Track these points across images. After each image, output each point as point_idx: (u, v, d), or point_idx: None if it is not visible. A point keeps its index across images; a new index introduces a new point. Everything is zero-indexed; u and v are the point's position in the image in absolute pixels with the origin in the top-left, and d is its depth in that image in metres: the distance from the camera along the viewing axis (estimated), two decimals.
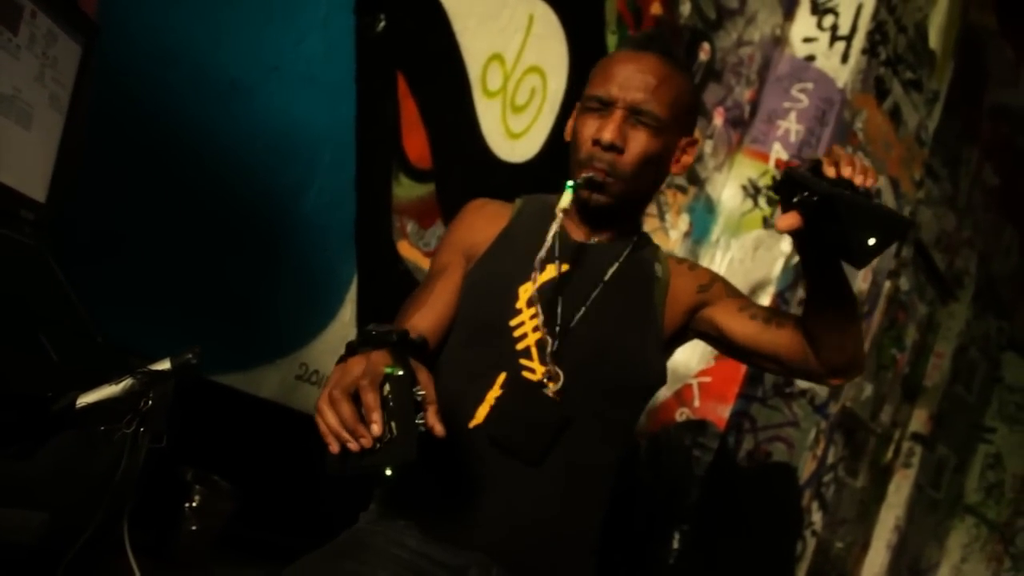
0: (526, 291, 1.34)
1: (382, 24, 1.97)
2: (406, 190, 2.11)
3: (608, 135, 1.31)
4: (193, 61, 1.65)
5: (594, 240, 1.41)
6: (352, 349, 1.08)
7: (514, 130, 2.35)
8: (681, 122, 1.39)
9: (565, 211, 1.29)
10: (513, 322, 1.33)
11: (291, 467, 1.97)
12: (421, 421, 0.98)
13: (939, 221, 4.56)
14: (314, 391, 1.99)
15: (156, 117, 1.63)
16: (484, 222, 1.45)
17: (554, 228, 1.28)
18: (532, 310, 1.32)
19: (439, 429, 1.00)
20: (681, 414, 2.93)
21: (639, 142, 1.33)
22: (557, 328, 1.32)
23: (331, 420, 0.97)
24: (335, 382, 1.01)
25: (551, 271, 1.36)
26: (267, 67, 1.78)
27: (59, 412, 0.86)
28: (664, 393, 2.95)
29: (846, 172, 1.09)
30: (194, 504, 1.66)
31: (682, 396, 2.94)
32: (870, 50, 3.08)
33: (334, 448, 0.97)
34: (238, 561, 1.80)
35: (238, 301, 1.84)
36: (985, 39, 4.22)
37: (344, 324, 2.03)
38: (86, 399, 0.87)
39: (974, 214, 4.98)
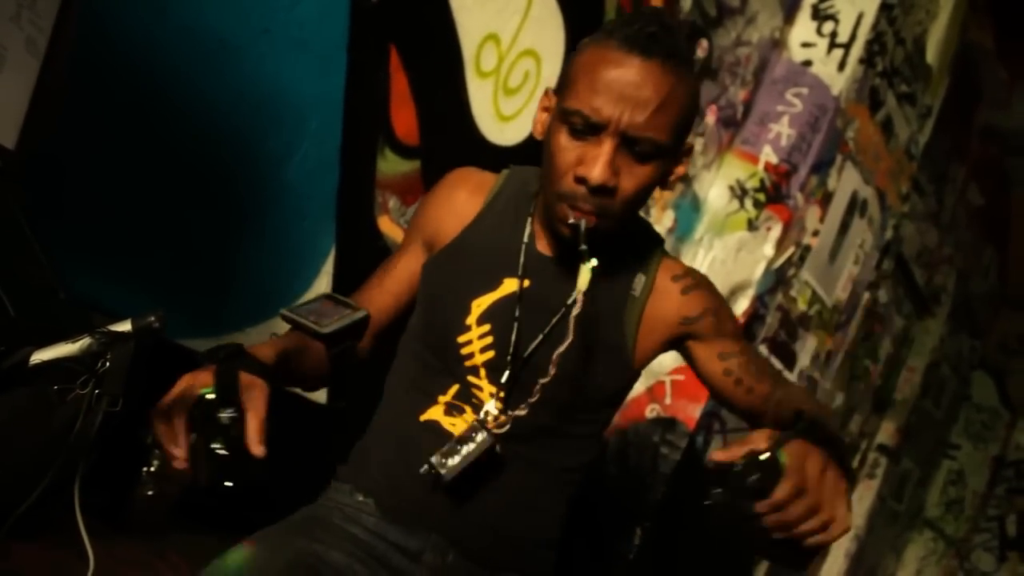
0: (479, 306, 1.23)
1: None
2: (391, 165, 2.07)
3: (598, 175, 1.08)
4: (182, 16, 1.60)
5: (561, 253, 1.24)
6: (200, 360, 1.07)
7: (505, 113, 2.32)
8: (682, 141, 1.18)
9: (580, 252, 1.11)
10: (461, 338, 1.23)
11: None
12: (218, 446, 0.96)
13: (922, 236, 4.58)
14: None
15: (140, 71, 1.58)
16: (457, 203, 1.33)
17: (575, 313, 1.08)
18: (483, 328, 1.23)
19: (255, 447, 0.97)
20: (652, 411, 2.92)
21: (635, 176, 1.12)
22: (509, 356, 1.21)
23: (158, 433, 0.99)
24: (163, 399, 1.00)
25: (511, 285, 1.23)
26: (258, 29, 1.74)
27: (11, 368, 0.83)
28: (636, 388, 2.93)
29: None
30: (152, 469, 1.63)
31: (654, 392, 2.93)
32: (867, 60, 3.07)
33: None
34: (194, 528, 1.77)
35: (212, 264, 1.81)
36: (981, 59, 4.23)
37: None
38: (40, 356, 0.84)
39: (956, 232, 5.00)
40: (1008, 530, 5.87)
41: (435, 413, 1.25)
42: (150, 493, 1.64)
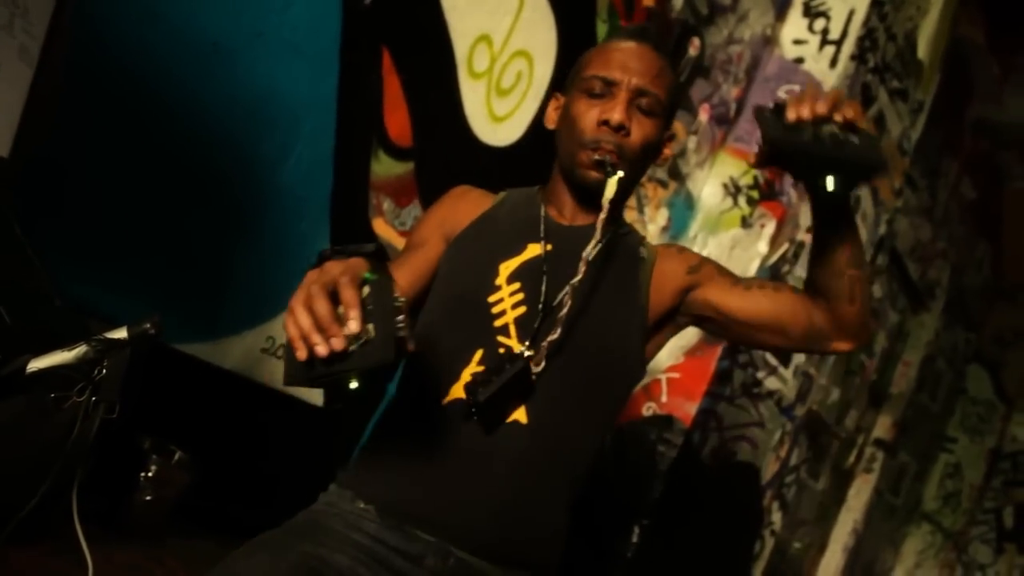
0: (507, 268, 1.32)
1: None
2: (385, 167, 2.08)
3: (618, 115, 1.31)
4: (175, 20, 1.61)
5: (576, 222, 1.40)
6: (325, 256, 1.03)
7: (498, 113, 2.32)
8: (671, 114, 1.41)
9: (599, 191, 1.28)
10: (492, 298, 1.31)
11: (251, 440, 1.94)
12: (402, 325, 0.93)
13: (915, 231, 4.59)
14: (279, 365, 1.97)
15: (134, 76, 1.58)
16: (466, 205, 1.45)
17: (602, 216, 1.25)
18: (513, 286, 1.31)
19: (412, 345, 0.95)
20: (648, 409, 2.93)
21: (643, 127, 1.34)
22: (540, 306, 1.29)
23: (303, 320, 0.91)
24: (311, 279, 0.95)
25: (535, 250, 1.35)
26: (251, 32, 1.74)
27: (7, 376, 0.83)
28: None
29: (803, 112, 1.10)
30: (150, 474, 1.63)
31: (650, 391, 2.94)
32: (859, 56, 3.08)
33: (301, 353, 0.91)
34: (192, 533, 1.78)
35: (208, 269, 1.81)
36: (972, 53, 4.24)
37: None
38: (37, 364, 0.84)
39: (949, 226, 5.01)
40: (1005, 522, 5.89)
41: (457, 391, 1.26)
42: (148, 498, 1.64)
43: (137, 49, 1.57)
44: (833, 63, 3.01)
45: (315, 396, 2.03)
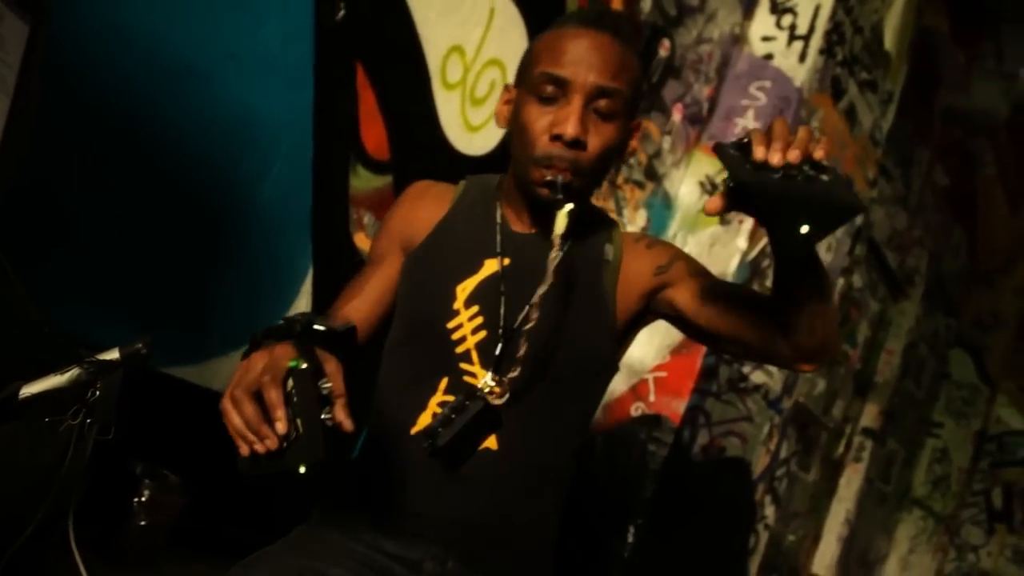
0: (464, 290, 1.26)
1: (341, 13, 1.95)
2: (363, 181, 2.09)
3: (572, 129, 1.18)
4: (147, 45, 1.61)
5: (536, 230, 1.31)
6: (256, 342, 1.03)
7: (473, 123, 2.34)
8: (635, 104, 1.29)
9: (559, 228, 1.16)
10: (451, 324, 1.25)
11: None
12: (328, 416, 0.93)
13: (891, 220, 4.64)
14: None
15: (109, 101, 1.59)
16: (424, 210, 1.37)
17: (552, 255, 1.14)
18: (471, 310, 1.25)
19: (347, 424, 0.95)
20: (636, 409, 2.94)
21: (601, 135, 1.22)
22: (500, 329, 1.23)
23: (235, 421, 0.94)
24: (236, 381, 0.96)
25: (492, 266, 1.27)
26: (224, 53, 1.74)
27: (1, 403, 0.83)
28: (619, 388, 2.96)
29: (773, 158, 0.96)
30: (143, 499, 1.63)
31: (637, 391, 2.96)
32: (827, 50, 3.12)
33: (243, 450, 0.93)
34: (188, 557, 1.77)
35: (191, 291, 1.81)
36: (938, 43, 4.30)
37: None
38: (30, 389, 0.84)
39: (925, 214, 5.07)
40: (994, 503, 5.95)
41: (424, 421, 1.23)
42: (142, 523, 1.64)
43: (111, 75, 1.58)
44: (802, 58, 3.05)
45: None
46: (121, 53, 1.58)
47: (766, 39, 3.11)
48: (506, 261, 1.27)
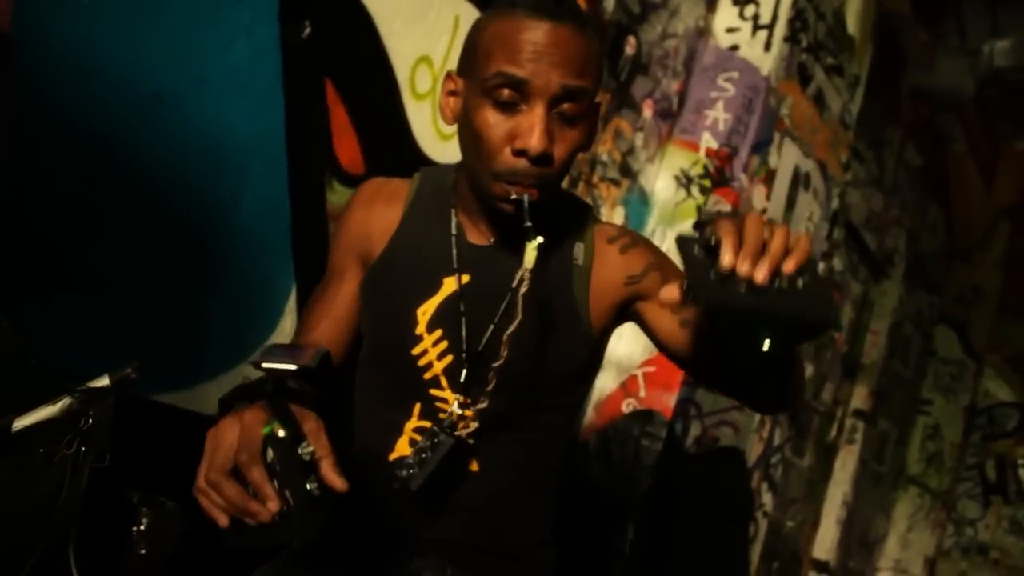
0: (424, 313, 1.19)
1: (307, 31, 1.95)
2: (340, 196, 2.09)
3: (537, 144, 1.05)
4: (115, 73, 1.61)
5: (494, 240, 1.22)
6: (226, 405, 0.96)
7: (445, 132, 2.35)
8: (595, 94, 1.16)
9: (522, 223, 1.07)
10: (416, 350, 1.19)
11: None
12: (314, 486, 0.88)
13: (867, 202, 4.68)
14: None
15: (80, 132, 1.59)
16: (377, 218, 1.28)
17: (522, 291, 1.05)
18: (435, 334, 1.19)
19: (339, 485, 0.89)
20: (628, 405, 2.95)
21: (568, 141, 1.10)
22: (464, 353, 1.17)
23: (216, 500, 0.88)
24: (209, 461, 0.89)
25: (451, 285, 1.19)
26: (193, 78, 1.75)
27: None
28: (610, 385, 2.97)
29: (742, 268, 0.82)
30: (142, 527, 1.62)
31: (627, 387, 2.97)
32: (791, 38, 3.15)
33: (222, 522, 0.88)
34: None
35: (175, 317, 1.81)
36: (900, 24, 4.34)
37: (285, 335, 2.00)
38: (23, 422, 0.84)
39: (900, 194, 5.11)
40: (988, 475, 5.99)
41: (402, 447, 1.20)
42: (143, 552, 1.63)
43: (80, 105, 1.58)
44: (767, 47, 3.08)
45: None
46: (91, 81, 1.58)
47: (730, 30, 3.14)
48: (464, 278, 1.19)
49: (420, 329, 1.19)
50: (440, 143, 2.32)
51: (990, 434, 6.05)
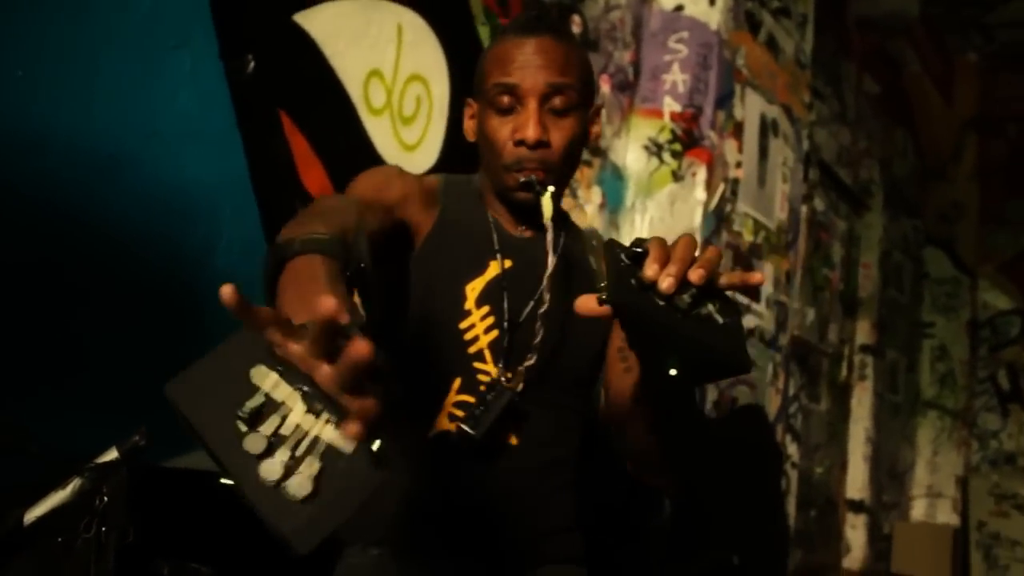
0: (473, 290, 1.28)
1: (251, 65, 1.91)
2: None
3: (532, 133, 1.23)
4: (63, 143, 1.56)
5: (526, 234, 1.36)
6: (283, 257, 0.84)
7: (408, 142, 2.30)
8: (588, 93, 1.33)
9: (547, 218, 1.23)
10: (463, 324, 1.28)
11: (268, 538, 1.89)
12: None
13: (835, 138, 4.67)
14: None
15: (38, 210, 1.54)
16: (420, 194, 1.31)
17: (549, 237, 1.23)
18: (483, 310, 1.27)
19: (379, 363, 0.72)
20: None
21: (562, 129, 1.27)
22: (505, 324, 1.27)
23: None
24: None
25: (495, 267, 1.30)
26: (144, 133, 1.70)
27: (7, 536, 0.78)
28: None
29: (663, 283, 0.83)
30: None
31: None
32: None
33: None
34: None
35: (170, 378, 1.75)
36: None
37: None
38: (34, 513, 0.80)
39: (865, 124, 5.11)
40: (1002, 385, 6.00)
41: (442, 422, 1.25)
42: None
43: (33, 182, 1.53)
44: (712, 2, 3.05)
45: None
46: (40, 156, 1.53)
47: None
48: (507, 263, 1.31)
49: (469, 304, 1.27)
50: (404, 154, 2.28)
51: (996, 344, 6.06)
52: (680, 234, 0.93)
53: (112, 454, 0.86)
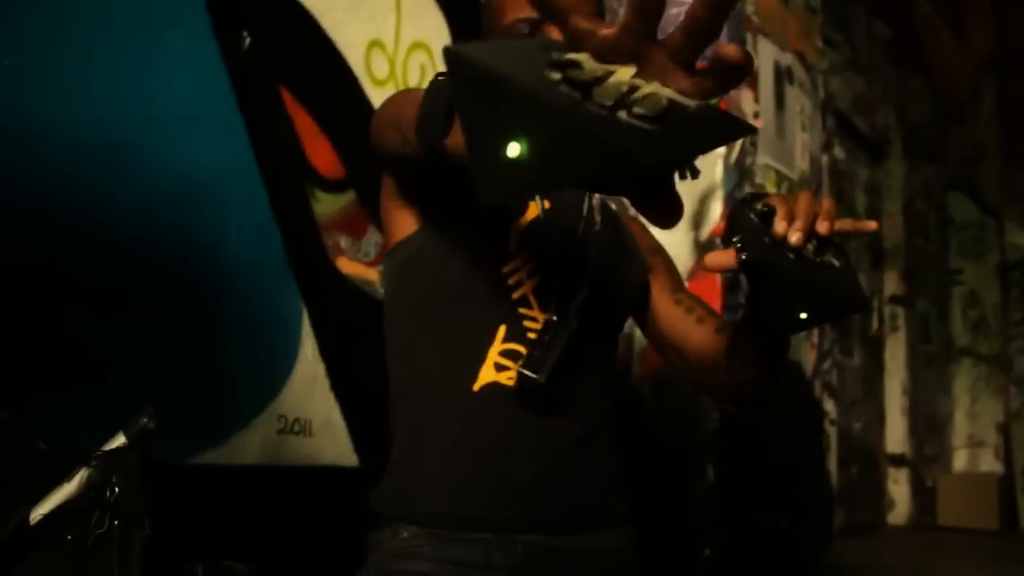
0: (516, 231, 1.22)
1: (247, 42, 1.83)
2: (327, 205, 1.97)
3: None
4: (59, 134, 1.49)
5: None
6: None
7: None
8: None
9: None
10: (507, 268, 1.20)
11: (301, 527, 1.82)
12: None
13: (849, 86, 4.55)
14: (302, 441, 1.85)
15: (40, 204, 1.47)
16: None
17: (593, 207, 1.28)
18: (525, 253, 1.21)
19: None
20: None
21: None
22: (553, 264, 1.22)
23: None
24: None
25: (534, 209, 1.25)
26: (141, 119, 1.63)
27: (14, 537, 0.71)
28: None
29: (793, 238, 0.90)
30: None
31: None
32: None
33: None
34: None
35: (189, 373, 1.69)
36: None
37: (309, 362, 1.88)
38: (40, 511, 0.72)
39: (879, 70, 4.98)
40: None
41: (488, 374, 1.17)
42: None
43: (31, 175, 1.46)
44: None
45: (348, 458, 1.92)
46: (38, 149, 1.46)
47: None
48: (546, 204, 1.26)
49: (512, 247, 1.21)
50: None
51: None
52: (799, 191, 0.96)
53: (119, 440, 0.78)
